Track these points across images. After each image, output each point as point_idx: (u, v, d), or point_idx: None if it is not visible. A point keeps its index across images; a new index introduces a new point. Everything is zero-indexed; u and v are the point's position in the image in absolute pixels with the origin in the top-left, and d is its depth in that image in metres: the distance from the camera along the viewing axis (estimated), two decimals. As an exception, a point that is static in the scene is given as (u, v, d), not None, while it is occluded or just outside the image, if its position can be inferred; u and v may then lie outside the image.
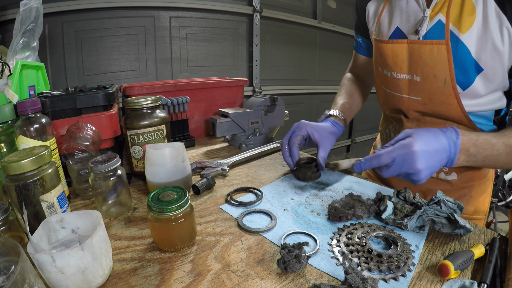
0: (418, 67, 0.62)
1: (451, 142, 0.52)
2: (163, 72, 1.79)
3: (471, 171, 0.71)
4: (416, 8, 0.61)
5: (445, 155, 0.51)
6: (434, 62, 0.59)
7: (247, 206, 0.59)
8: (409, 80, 0.65)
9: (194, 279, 0.40)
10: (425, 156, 0.50)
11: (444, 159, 0.51)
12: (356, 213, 0.52)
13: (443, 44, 0.57)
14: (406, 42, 0.63)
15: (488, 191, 0.73)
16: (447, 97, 0.61)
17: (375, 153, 0.54)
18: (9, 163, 0.42)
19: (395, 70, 0.66)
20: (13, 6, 1.30)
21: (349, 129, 3.02)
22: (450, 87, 0.60)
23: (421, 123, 0.70)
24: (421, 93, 0.64)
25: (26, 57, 0.78)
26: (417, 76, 0.63)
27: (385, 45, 0.66)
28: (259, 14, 2.02)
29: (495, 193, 2.45)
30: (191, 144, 1.00)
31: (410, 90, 0.66)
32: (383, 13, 0.68)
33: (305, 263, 0.40)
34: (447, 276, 0.38)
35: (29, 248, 0.33)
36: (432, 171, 0.51)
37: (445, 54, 0.57)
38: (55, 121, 0.66)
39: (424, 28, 0.60)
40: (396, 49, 0.64)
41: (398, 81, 0.67)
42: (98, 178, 0.53)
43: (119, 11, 1.60)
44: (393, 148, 0.52)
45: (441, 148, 0.51)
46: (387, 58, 0.67)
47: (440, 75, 0.60)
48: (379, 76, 0.74)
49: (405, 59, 0.64)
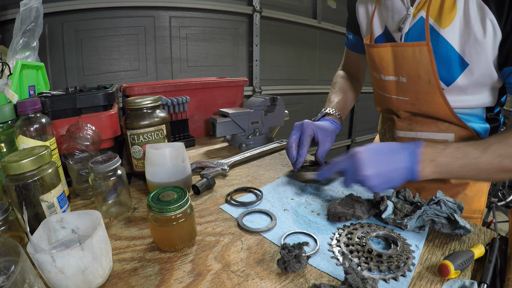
0: (402, 68, 0.64)
1: (408, 152, 0.50)
2: (163, 72, 1.79)
3: None
4: (400, 6, 0.62)
5: (403, 164, 0.50)
6: (417, 63, 0.60)
7: (247, 206, 0.59)
8: (396, 82, 0.67)
9: (194, 279, 0.40)
10: (373, 162, 0.50)
11: (401, 168, 0.50)
12: (356, 213, 0.52)
13: (424, 45, 0.58)
14: (389, 46, 0.64)
15: (484, 189, 0.73)
16: (432, 96, 0.62)
17: (332, 163, 0.57)
18: (9, 163, 0.42)
19: (383, 72, 0.68)
20: (13, 6, 1.30)
21: (348, 129, 3.02)
22: (435, 87, 0.61)
23: (412, 123, 0.71)
24: (408, 93, 0.66)
25: (26, 57, 0.78)
26: (402, 77, 0.65)
27: (372, 49, 0.68)
28: (259, 14, 2.02)
29: (495, 193, 2.45)
30: (191, 144, 1.00)
31: (398, 91, 0.68)
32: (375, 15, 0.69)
33: (305, 263, 0.40)
34: (447, 276, 0.38)
35: (29, 248, 0.33)
36: (386, 179, 0.50)
37: (426, 55, 0.58)
38: (55, 121, 0.66)
39: (406, 25, 0.61)
40: (381, 53, 0.66)
41: (386, 83, 0.69)
42: (98, 178, 0.53)
43: (119, 11, 1.60)
44: (344, 157, 0.54)
45: (395, 158, 0.51)
46: (375, 61, 0.69)
47: (424, 75, 0.61)
48: (372, 78, 0.76)
49: (390, 61, 0.66)
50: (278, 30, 2.21)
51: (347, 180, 0.54)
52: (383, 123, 0.84)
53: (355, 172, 0.51)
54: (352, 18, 0.80)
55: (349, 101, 0.86)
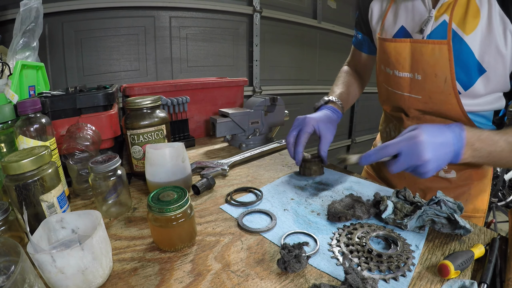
0: (419, 65, 0.63)
1: (455, 135, 0.51)
2: (163, 72, 1.79)
3: (470, 169, 0.71)
4: (422, 9, 0.62)
5: (451, 148, 0.51)
6: (435, 61, 0.60)
7: (247, 206, 0.59)
8: (410, 79, 0.66)
9: (194, 279, 0.40)
10: (432, 146, 0.49)
11: (450, 152, 0.51)
12: (356, 213, 0.52)
13: (445, 44, 0.58)
14: (409, 41, 0.63)
15: (487, 189, 0.73)
16: (446, 96, 0.61)
17: (381, 145, 0.53)
18: (9, 163, 0.42)
19: (398, 68, 0.67)
20: (13, 6, 1.30)
21: (349, 129, 3.02)
22: (450, 86, 0.60)
23: (421, 122, 0.70)
24: (422, 91, 0.65)
25: (26, 57, 0.78)
26: (418, 74, 0.64)
27: (389, 43, 0.67)
28: (259, 14, 2.02)
29: (495, 193, 2.46)
30: (191, 144, 1.00)
31: (411, 88, 0.67)
32: (389, 13, 0.69)
33: (305, 263, 0.40)
34: (447, 276, 0.38)
35: (29, 248, 0.33)
36: (439, 163, 0.50)
37: (446, 53, 0.58)
38: (55, 121, 0.66)
39: (429, 27, 0.61)
40: (399, 48, 0.65)
41: (400, 79, 0.68)
42: (98, 178, 0.53)
43: (119, 11, 1.60)
44: (400, 139, 0.52)
45: (446, 141, 0.50)
46: (390, 56, 0.68)
47: (441, 74, 0.60)
48: (382, 74, 0.74)
49: (408, 57, 0.65)
50: (278, 30, 2.21)
51: (400, 164, 0.51)
52: (387, 122, 0.83)
53: (414, 157, 0.49)
54: (363, 18, 0.79)
55: (352, 95, 0.85)
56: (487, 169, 0.73)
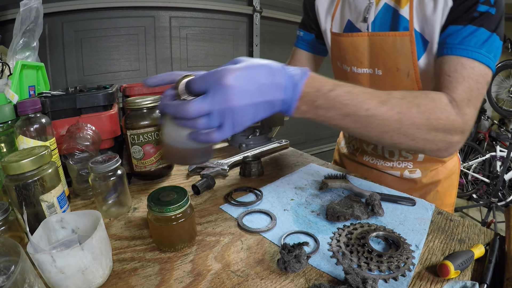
0: (380, 60, 0.60)
1: (289, 80, 0.41)
2: (163, 72, 1.78)
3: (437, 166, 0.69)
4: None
5: (278, 95, 0.40)
6: (397, 54, 0.57)
7: (247, 206, 0.59)
8: (370, 74, 0.63)
9: (194, 279, 0.40)
10: (240, 75, 0.39)
11: (276, 100, 0.41)
12: (355, 213, 0.52)
13: (407, 35, 0.55)
14: (367, 35, 0.61)
15: (455, 184, 0.72)
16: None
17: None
18: (9, 163, 0.42)
19: (355, 64, 0.64)
20: (13, 6, 1.30)
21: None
22: (414, 80, 0.58)
23: None
24: (383, 87, 0.62)
25: (26, 57, 0.79)
26: (378, 69, 0.61)
27: (345, 38, 0.64)
28: (259, 14, 2.02)
29: (495, 193, 2.46)
30: (191, 144, 0.99)
31: (372, 84, 0.64)
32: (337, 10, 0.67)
33: (305, 263, 0.40)
34: (447, 276, 0.38)
35: (29, 248, 0.33)
36: (252, 100, 0.39)
37: (408, 45, 0.56)
38: (55, 121, 0.66)
39: (371, 14, 0.59)
40: (356, 43, 0.62)
41: (359, 76, 0.65)
42: (98, 178, 0.53)
43: (119, 11, 1.60)
44: (206, 74, 0.40)
45: (269, 79, 0.40)
46: (346, 53, 0.65)
47: (403, 67, 0.58)
48: (338, 71, 0.72)
49: (366, 52, 0.62)
50: (278, 30, 2.21)
51: (203, 104, 0.38)
52: None
53: (215, 83, 0.38)
54: (310, 17, 0.77)
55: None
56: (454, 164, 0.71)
